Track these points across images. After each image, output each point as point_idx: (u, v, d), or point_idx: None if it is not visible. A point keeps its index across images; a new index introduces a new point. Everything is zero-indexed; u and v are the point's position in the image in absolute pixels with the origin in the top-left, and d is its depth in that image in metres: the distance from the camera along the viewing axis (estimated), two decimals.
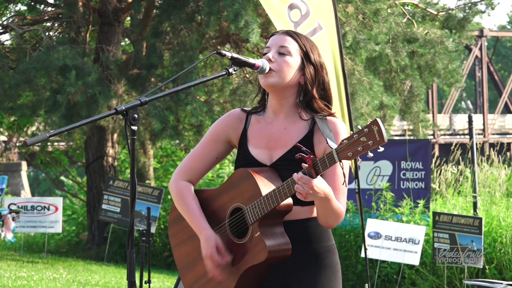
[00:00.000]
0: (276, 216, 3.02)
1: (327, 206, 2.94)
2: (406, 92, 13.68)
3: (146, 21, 13.00)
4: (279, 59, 3.10)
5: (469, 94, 49.02)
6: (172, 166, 17.28)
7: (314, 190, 2.84)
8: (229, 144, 3.22)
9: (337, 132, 3.05)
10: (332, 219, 2.99)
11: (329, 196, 2.91)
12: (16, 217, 11.94)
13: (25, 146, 7.11)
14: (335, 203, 2.96)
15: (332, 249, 3.13)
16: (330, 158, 2.78)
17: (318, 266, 3.07)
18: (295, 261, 3.06)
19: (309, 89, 3.09)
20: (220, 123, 3.22)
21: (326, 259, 3.09)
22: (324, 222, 3.02)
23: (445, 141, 32.28)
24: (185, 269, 3.25)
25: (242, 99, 12.10)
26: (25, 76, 11.59)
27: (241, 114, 3.22)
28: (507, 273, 10.13)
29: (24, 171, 26.86)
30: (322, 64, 3.16)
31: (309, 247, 3.07)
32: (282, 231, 3.04)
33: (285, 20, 6.23)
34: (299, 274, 3.06)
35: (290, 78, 3.09)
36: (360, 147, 2.70)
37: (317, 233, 3.09)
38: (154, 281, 10.10)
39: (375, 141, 2.67)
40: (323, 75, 3.14)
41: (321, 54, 3.23)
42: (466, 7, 13.42)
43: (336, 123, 3.08)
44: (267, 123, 3.15)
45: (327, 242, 3.11)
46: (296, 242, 3.05)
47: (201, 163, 3.23)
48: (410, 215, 10.96)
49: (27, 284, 8.98)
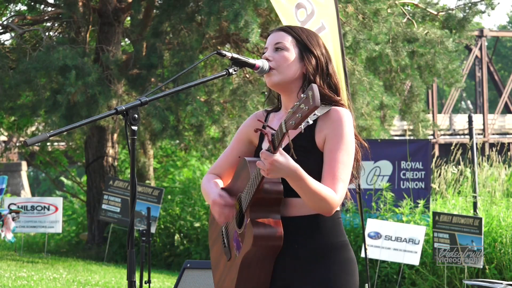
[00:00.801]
0: (267, 203, 2.99)
1: (302, 186, 2.88)
2: (406, 92, 13.69)
3: (146, 21, 13.00)
4: (276, 56, 3.10)
5: (469, 94, 49.03)
6: (172, 166, 17.28)
7: (274, 166, 2.79)
8: (252, 145, 3.26)
9: (338, 119, 3.00)
10: (313, 201, 2.92)
11: (297, 173, 2.85)
12: (16, 217, 11.95)
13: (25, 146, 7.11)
14: (313, 183, 2.89)
15: (342, 245, 3.06)
16: (280, 129, 2.74)
17: (326, 262, 3.03)
18: (302, 258, 3.03)
19: (311, 78, 3.08)
20: (244, 125, 3.30)
21: (335, 256, 3.04)
22: (309, 205, 2.97)
23: (445, 141, 32.28)
24: (214, 268, 3.31)
25: (242, 99, 12.10)
26: (25, 76, 11.59)
27: (262, 114, 3.27)
28: (507, 273, 10.14)
29: (24, 171, 26.87)
30: (324, 51, 3.13)
31: (317, 243, 3.03)
32: (277, 220, 3.00)
33: (293, 20, 6.28)
34: (305, 270, 3.03)
35: (291, 72, 3.09)
36: (299, 114, 2.66)
37: (325, 228, 3.04)
38: (154, 281, 10.10)
39: (309, 106, 2.62)
40: (325, 62, 3.12)
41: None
42: (466, 7, 13.42)
43: (338, 111, 3.02)
44: (278, 118, 3.18)
45: (337, 237, 3.06)
46: (302, 238, 3.03)
47: (227, 162, 3.30)
48: (410, 215, 10.96)
49: (27, 284, 8.98)
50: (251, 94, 12.08)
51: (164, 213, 13.64)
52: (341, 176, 2.99)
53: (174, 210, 13.76)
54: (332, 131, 3.01)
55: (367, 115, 12.12)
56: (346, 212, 11.17)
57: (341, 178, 2.99)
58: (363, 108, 11.95)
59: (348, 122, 3.03)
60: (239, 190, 3.12)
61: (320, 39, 3.19)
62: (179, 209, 13.74)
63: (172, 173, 16.82)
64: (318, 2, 6.42)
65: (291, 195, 3.00)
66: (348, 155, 3.01)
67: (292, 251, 3.04)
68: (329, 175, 2.98)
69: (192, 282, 5.19)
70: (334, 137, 3.00)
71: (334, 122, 3.01)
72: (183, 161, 17.39)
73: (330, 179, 2.97)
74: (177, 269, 12.71)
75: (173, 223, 13.65)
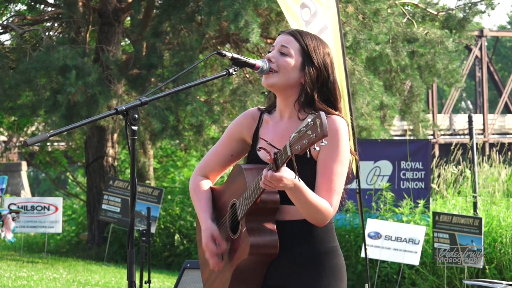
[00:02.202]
0: (264, 212, 3.00)
1: (300, 198, 2.90)
2: (406, 92, 13.68)
3: (146, 21, 13.00)
4: (279, 59, 3.09)
5: (469, 94, 49.02)
6: (172, 166, 17.28)
7: (283, 182, 2.81)
8: (244, 143, 3.25)
9: (333, 129, 2.98)
10: (309, 213, 2.94)
11: (299, 187, 2.87)
12: (16, 217, 11.95)
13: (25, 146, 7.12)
14: (311, 196, 2.91)
15: (334, 250, 3.08)
16: (284, 151, 2.75)
17: (318, 268, 3.04)
18: (293, 262, 3.04)
19: (308, 90, 3.06)
20: (236, 122, 3.27)
21: (327, 261, 3.05)
22: (304, 216, 2.98)
23: (445, 141, 32.27)
24: (202, 266, 3.32)
25: (242, 99, 12.10)
26: (25, 76, 11.59)
27: (256, 113, 3.24)
28: (507, 273, 10.13)
29: (24, 171, 26.86)
30: (327, 64, 3.10)
31: (308, 248, 3.05)
32: (272, 229, 3.01)
33: (298, 19, 6.30)
34: (298, 275, 3.04)
35: (290, 78, 3.07)
36: (305, 140, 2.67)
37: (317, 233, 3.05)
38: (154, 281, 10.09)
39: (317, 134, 2.63)
40: (327, 75, 3.09)
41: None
42: (466, 7, 13.42)
43: (335, 121, 3.01)
44: (274, 123, 3.17)
45: (328, 243, 3.07)
46: (295, 242, 3.04)
47: (217, 159, 3.31)
48: (410, 215, 10.95)
49: (27, 284, 8.98)
50: (251, 94, 12.07)
51: (164, 213, 13.64)
52: (336, 188, 3.00)
53: (174, 210, 13.76)
54: (327, 141, 2.96)
55: (367, 115, 12.12)
56: (346, 212, 11.17)
57: (336, 190, 3.00)
58: (363, 108, 11.95)
59: (344, 133, 3.02)
60: (233, 196, 3.12)
61: (327, 48, 3.15)
62: (179, 209, 13.74)
63: (172, 173, 16.82)
64: (320, 2, 6.44)
65: (285, 202, 3.01)
66: (343, 166, 3.00)
67: (284, 255, 3.04)
68: (324, 187, 2.98)
69: (192, 282, 5.19)
70: (329, 147, 2.97)
71: (329, 133, 2.96)
72: (183, 161, 17.40)
73: (325, 191, 2.98)
74: (177, 269, 12.71)
75: (173, 223, 13.65)
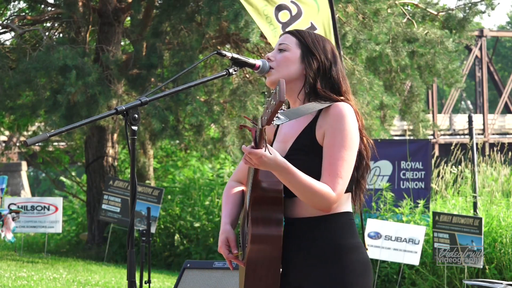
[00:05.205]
0: (267, 202, 2.96)
1: (290, 180, 2.87)
2: (406, 92, 13.68)
3: (146, 21, 13.00)
4: (278, 56, 3.12)
5: (469, 94, 49.02)
6: (172, 166, 17.28)
7: (262, 160, 2.79)
8: (271, 144, 3.23)
9: (337, 114, 2.96)
10: (306, 197, 2.91)
11: (285, 167, 2.85)
12: (16, 217, 11.95)
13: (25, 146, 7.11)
14: (303, 178, 2.88)
15: (353, 246, 3.01)
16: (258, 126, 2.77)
17: (337, 264, 2.99)
18: (312, 257, 3.00)
19: (311, 80, 3.07)
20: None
21: (346, 257, 2.99)
22: (305, 202, 2.95)
23: (445, 141, 32.26)
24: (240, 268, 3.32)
25: (242, 99, 12.10)
26: (25, 76, 11.59)
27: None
28: (507, 273, 10.14)
29: (24, 171, 26.89)
30: (327, 51, 3.11)
31: (326, 244, 3.00)
32: (278, 220, 2.96)
33: (272, 21, 6.31)
34: (316, 271, 2.99)
35: (290, 71, 3.09)
36: (268, 109, 2.67)
37: (335, 229, 3.00)
38: (154, 281, 10.10)
39: (276, 101, 2.62)
40: (329, 63, 3.10)
41: None
42: (466, 7, 13.42)
43: (339, 105, 2.99)
44: None
45: (347, 239, 3.01)
46: (313, 238, 3.00)
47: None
48: (410, 215, 10.96)
49: (27, 284, 8.98)
50: (251, 94, 12.07)
51: (164, 213, 13.64)
52: (340, 173, 2.93)
53: (174, 210, 13.76)
54: (331, 126, 2.97)
55: (367, 115, 12.12)
56: None
57: (339, 174, 2.93)
58: (363, 108, 11.95)
59: (350, 117, 2.99)
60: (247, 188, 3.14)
61: (328, 43, 3.17)
62: (179, 209, 13.74)
63: (172, 173, 16.82)
64: (305, 3, 6.45)
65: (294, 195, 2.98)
66: (348, 151, 2.95)
67: (303, 252, 3.01)
68: (326, 171, 2.94)
69: (192, 282, 5.20)
70: (333, 132, 2.95)
71: (333, 117, 2.97)
72: (183, 161, 17.40)
73: (327, 175, 2.93)
74: (177, 269, 12.71)
75: (173, 223, 13.65)
